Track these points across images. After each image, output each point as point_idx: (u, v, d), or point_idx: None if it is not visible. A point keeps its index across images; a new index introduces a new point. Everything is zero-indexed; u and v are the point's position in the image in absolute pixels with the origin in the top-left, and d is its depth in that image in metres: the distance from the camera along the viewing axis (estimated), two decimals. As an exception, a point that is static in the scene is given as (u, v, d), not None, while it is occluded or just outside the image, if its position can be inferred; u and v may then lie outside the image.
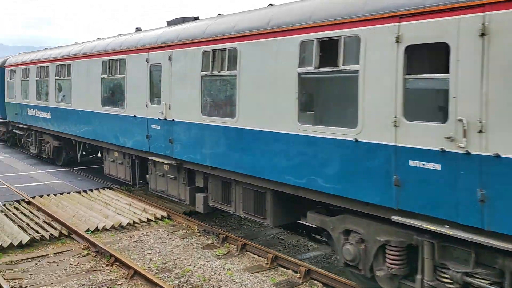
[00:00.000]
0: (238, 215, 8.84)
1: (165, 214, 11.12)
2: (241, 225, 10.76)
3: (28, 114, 17.92)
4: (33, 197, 12.21)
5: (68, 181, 14.53)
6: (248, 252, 8.79)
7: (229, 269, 8.01)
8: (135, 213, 11.17)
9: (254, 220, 8.58)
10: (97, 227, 10.05)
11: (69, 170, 16.17)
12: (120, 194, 13.02)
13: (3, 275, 7.49)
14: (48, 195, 12.55)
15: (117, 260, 8.10)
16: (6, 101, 20.81)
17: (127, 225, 10.40)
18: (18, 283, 7.33)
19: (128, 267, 7.77)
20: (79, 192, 13.09)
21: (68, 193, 12.94)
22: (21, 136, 20.12)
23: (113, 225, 10.24)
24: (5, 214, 10.78)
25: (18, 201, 11.96)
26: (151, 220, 10.82)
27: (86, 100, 13.45)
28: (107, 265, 8.07)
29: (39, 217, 10.65)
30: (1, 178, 14.51)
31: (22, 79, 18.54)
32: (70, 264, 8.18)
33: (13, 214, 10.86)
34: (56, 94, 15.49)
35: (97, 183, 14.31)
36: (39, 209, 11.26)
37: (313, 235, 9.96)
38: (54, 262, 8.30)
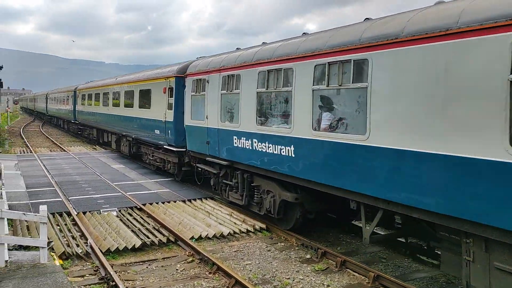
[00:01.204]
0: None
1: (263, 226, 11.31)
2: (340, 240, 10.53)
3: (235, 145, 11.81)
4: (144, 205, 13.20)
5: (174, 190, 15.47)
6: (348, 269, 8.57)
7: (328, 286, 7.87)
8: (235, 223, 11.53)
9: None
10: (200, 235, 10.55)
11: (174, 180, 17.19)
12: (221, 204, 13.53)
13: (119, 275, 8.16)
14: (157, 203, 13.50)
15: (219, 268, 8.40)
16: (187, 123, 14.79)
17: (227, 234, 10.78)
18: (131, 284, 7.94)
19: (229, 276, 8.01)
20: (184, 201, 13.88)
21: (174, 201, 13.79)
22: (209, 174, 13.97)
23: (215, 234, 10.67)
24: (121, 220, 11.80)
25: (131, 208, 13.02)
26: (250, 231, 11.07)
27: (425, 130, 6.52)
28: (210, 273, 8.40)
29: (149, 223, 11.48)
30: (117, 186, 15.94)
31: (223, 92, 12.40)
32: (177, 270, 8.66)
33: (127, 219, 11.84)
34: (313, 116, 8.91)
35: (200, 193, 15.03)
36: (149, 215, 12.14)
37: (418, 255, 9.39)
38: (162, 266, 8.86)
